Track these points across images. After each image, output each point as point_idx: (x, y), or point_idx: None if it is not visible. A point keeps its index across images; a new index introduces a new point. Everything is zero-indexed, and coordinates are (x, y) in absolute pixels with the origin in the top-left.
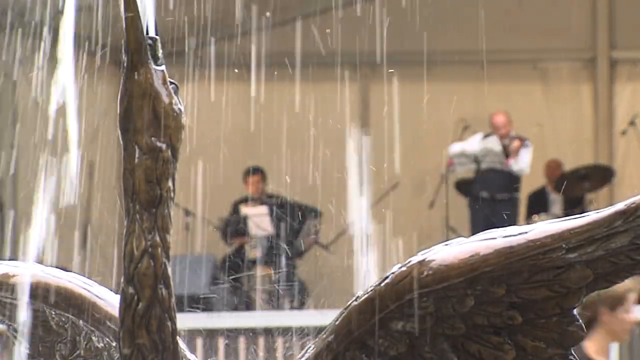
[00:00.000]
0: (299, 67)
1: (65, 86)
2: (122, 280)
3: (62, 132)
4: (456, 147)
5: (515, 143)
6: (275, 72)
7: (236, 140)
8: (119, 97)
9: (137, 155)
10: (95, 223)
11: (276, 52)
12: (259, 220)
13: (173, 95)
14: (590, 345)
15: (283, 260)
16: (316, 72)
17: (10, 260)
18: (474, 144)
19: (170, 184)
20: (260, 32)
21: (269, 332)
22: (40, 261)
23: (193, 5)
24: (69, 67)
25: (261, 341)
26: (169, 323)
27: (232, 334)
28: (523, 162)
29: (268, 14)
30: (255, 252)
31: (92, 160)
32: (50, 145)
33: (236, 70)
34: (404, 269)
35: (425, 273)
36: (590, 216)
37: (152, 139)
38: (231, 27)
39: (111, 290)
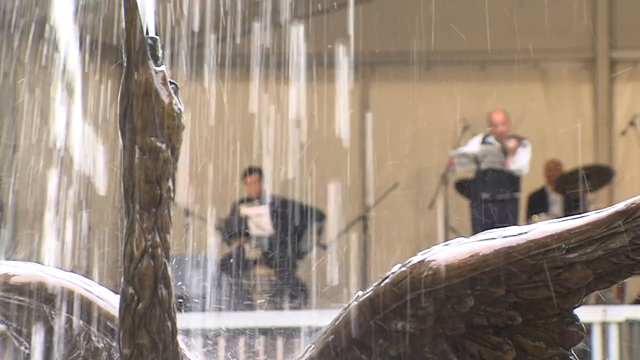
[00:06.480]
0: (298, 67)
1: (65, 86)
2: (122, 280)
3: (62, 132)
4: (457, 151)
5: (512, 142)
6: (274, 72)
7: (236, 141)
8: (119, 97)
9: (137, 155)
10: (95, 223)
11: (276, 52)
12: (259, 220)
13: (173, 95)
14: None
15: (283, 260)
16: (316, 72)
17: (10, 260)
18: (474, 145)
19: (170, 184)
20: (259, 33)
21: (269, 332)
22: (40, 261)
23: (194, 5)
24: (69, 68)
25: (261, 341)
26: (169, 323)
27: (232, 334)
28: (521, 162)
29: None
30: (255, 252)
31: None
32: (50, 146)
33: (236, 71)
34: (404, 269)
35: (425, 273)
36: (590, 216)
37: (152, 139)
38: (232, 27)
39: (111, 291)
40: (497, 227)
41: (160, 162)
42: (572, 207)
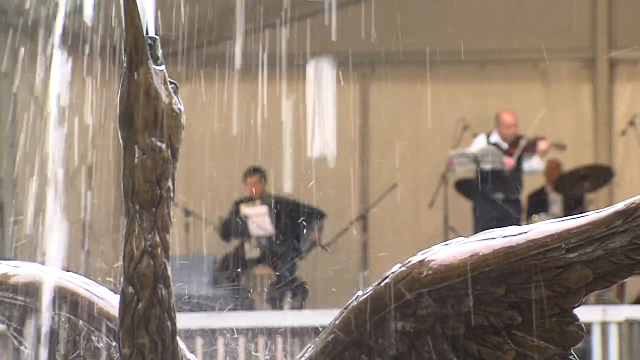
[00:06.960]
0: (299, 67)
1: (64, 86)
2: (122, 280)
3: (61, 132)
4: (457, 151)
5: (543, 145)
6: (274, 73)
7: (236, 141)
8: (119, 98)
9: (137, 155)
10: (95, 223)
11: (275, 53)
12: (259, 220)
13: (173, 95)
14: None
15: (283, 260)
16: (316, 72)
17: (10, 260)
18: (479, 145)
19: (170, 184)
20: (259, 33)
21: (269, 332)
22: (41, 261)
23: (191, 6)
24: (69, 68)
25: (261, 341)
26: (168, 323)
27: (232, 334)
28: (539, 163)
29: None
30: (255, 252)
31: (92, 161)
32: (50, 146)
33: (236, 71)
34: (404, 269)
35: (425, 273)
36: (590, 216)
37: (152, 139)
38: (230, 28)
39: (111, 291)
40: (497, 227)
41: (160, 162)
42: (572, 207)
